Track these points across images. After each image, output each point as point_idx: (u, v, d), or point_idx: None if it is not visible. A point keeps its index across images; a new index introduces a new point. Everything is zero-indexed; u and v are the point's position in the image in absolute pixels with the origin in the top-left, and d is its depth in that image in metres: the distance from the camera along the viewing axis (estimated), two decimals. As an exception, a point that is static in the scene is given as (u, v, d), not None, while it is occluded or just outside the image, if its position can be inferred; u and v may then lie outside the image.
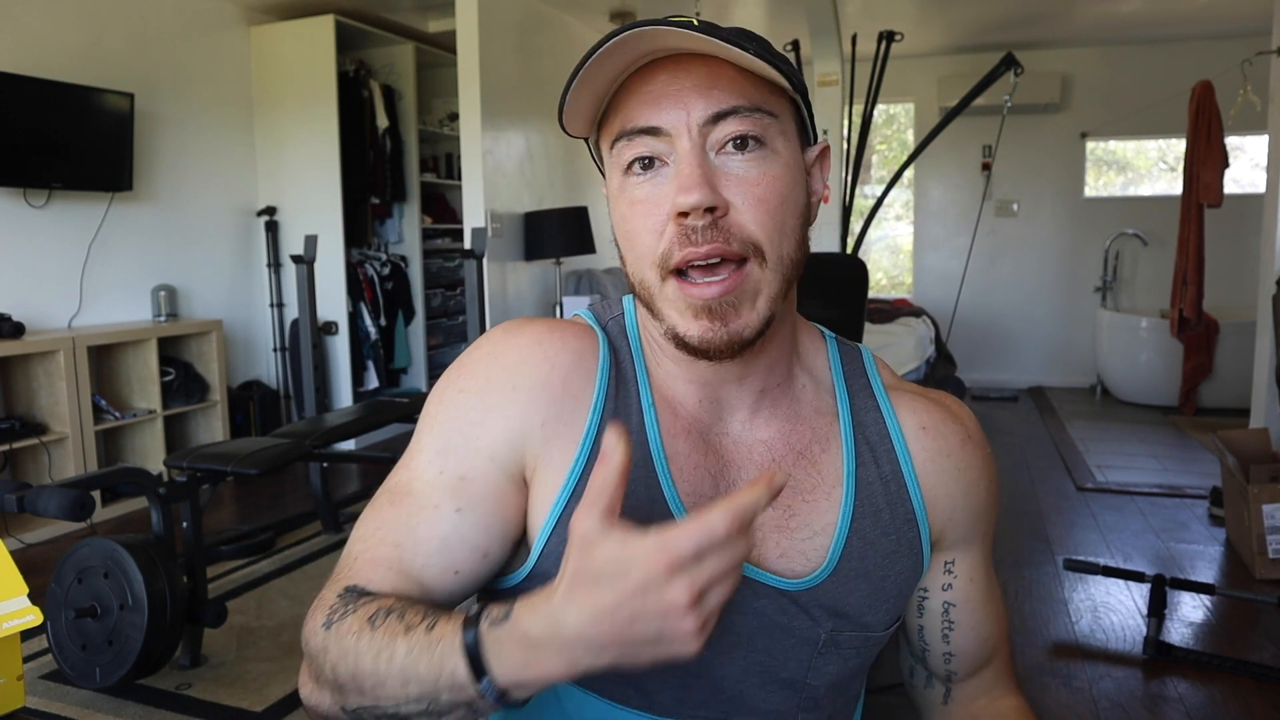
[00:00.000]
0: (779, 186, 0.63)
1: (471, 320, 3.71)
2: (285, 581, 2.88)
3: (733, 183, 0.62)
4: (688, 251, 0.61)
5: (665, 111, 0.62)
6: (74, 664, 2.09)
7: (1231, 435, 3.18)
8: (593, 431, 0.67)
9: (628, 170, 0.64)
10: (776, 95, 0.64)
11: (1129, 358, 5.63)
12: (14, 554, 2.38)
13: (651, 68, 0.63)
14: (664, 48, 0.62)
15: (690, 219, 0.61)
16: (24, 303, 3.57)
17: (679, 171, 0.61)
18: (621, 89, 0.64)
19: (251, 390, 4.52)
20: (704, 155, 0.62)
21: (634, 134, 0.63)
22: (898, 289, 6.91)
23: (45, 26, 3.62)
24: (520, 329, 0.71)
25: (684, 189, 0.60)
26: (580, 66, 0.61)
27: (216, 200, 4.48)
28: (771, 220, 0.63)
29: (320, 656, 0.61)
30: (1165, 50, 5.77)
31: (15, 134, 3.40)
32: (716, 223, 0.61)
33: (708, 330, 0.62)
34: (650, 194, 0.63)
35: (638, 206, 0.64)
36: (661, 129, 0.62)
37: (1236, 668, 2.23)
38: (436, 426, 0.69)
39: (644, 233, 0.64)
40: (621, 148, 0.64)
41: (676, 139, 0.62)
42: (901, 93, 6.27)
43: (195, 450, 2.44)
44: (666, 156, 0.63)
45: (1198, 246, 4.09)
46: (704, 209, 0.60)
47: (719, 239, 0.61)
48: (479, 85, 4.07)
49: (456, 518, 0.65)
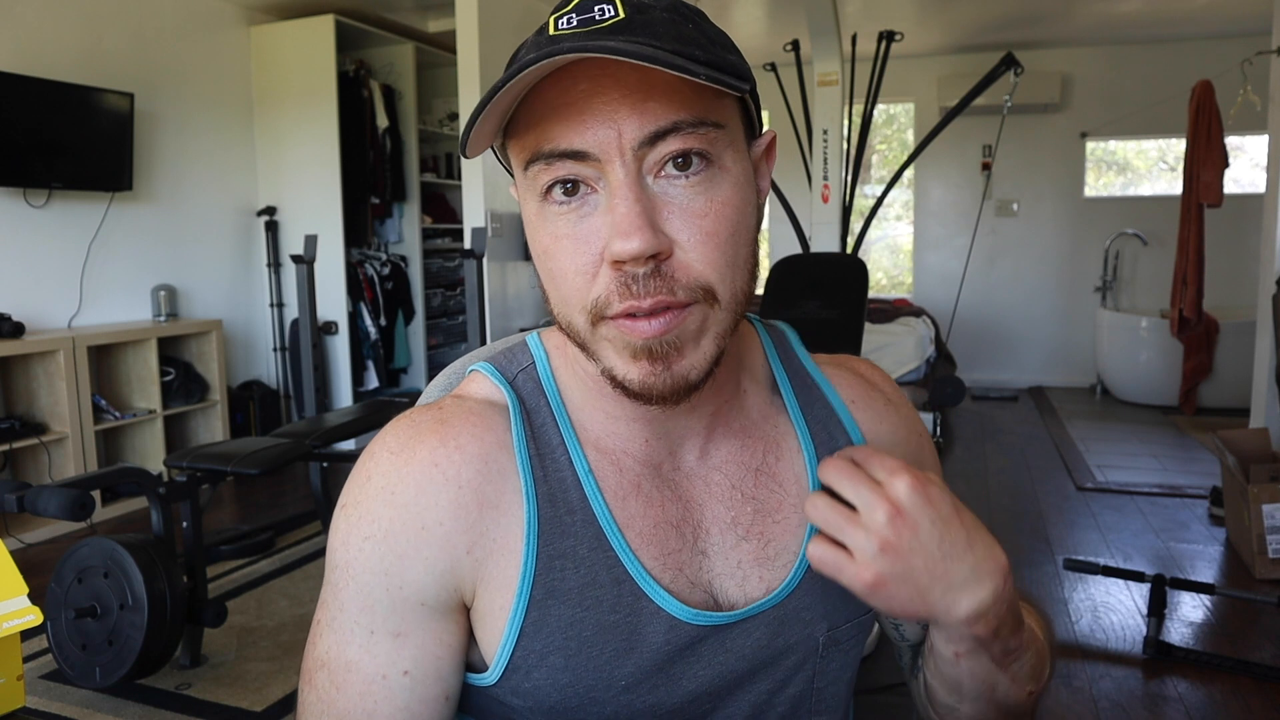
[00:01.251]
0: (729, 214, 0.54)
1: (471, 320, 3.71)
2: (285, 581, 2.88)
3: (676, 215, 0.53)
4: (629, 304, 0.52)
5: (591, 131, 0.51)
6: (74, 664, 2.09)
7: (1231, 435, 3.18)
8: (532, 520, 0.59)
9: (546, 195, 0.54)
10: (723, 96, 0.54)
11: (1129, 357, 5.63)
12: (14, 554, 2.38)
13: (570, 71, 0.52)
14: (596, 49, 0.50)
15: (629, 266, 0.52)
16: (24, 302, 3.57)
17: (613, 208, 0.52)
18: (533, 95, 0.53)
19: (251, 390, 4.52)
20: (641, 185, 0.52)
21: (553, 157, 0.52)
22: (898, 289, 6.91)
23: (45, 26, 3.63)
24: (409, 454, 0.59)
25: (621, 233, 0.51)
26: (491, 95, 0.51)
27: (216, 200, 4.48)
28: (723, 257, 0.54)
29: None
30: (1165, 50, 5.77)
31: (15, 134, 3.40)
32: (659, 268, 0.52)
33: (648, 374, 0.54)
34: (576, 229, 0.54)
35: (562, 242, 0.54)
36: (588, 153, 0.52)
37: (1236, 667, 2.23)
38: (351, 582, 0.59)
39: (571, 274, 0.54)
40: (538, 171, 0.53)
41: (607, 165, 0.52)
42: (901, 93, 6.27)
43: (195, 450, 2.44)
44: (595, 182, 0.53)
45: (1198, 246, 4.09)
46: (645, 257, 0.51)
47: (663, 289, 0.52)
48: (479, 85, 4.07)
49: (408, 681, 0.59)
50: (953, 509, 0.56)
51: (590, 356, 0.57)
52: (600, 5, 0.52)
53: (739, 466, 0.65)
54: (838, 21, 4.22)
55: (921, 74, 6.16)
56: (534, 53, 0.51)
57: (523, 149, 0.54)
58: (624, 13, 0.52)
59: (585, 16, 0.52)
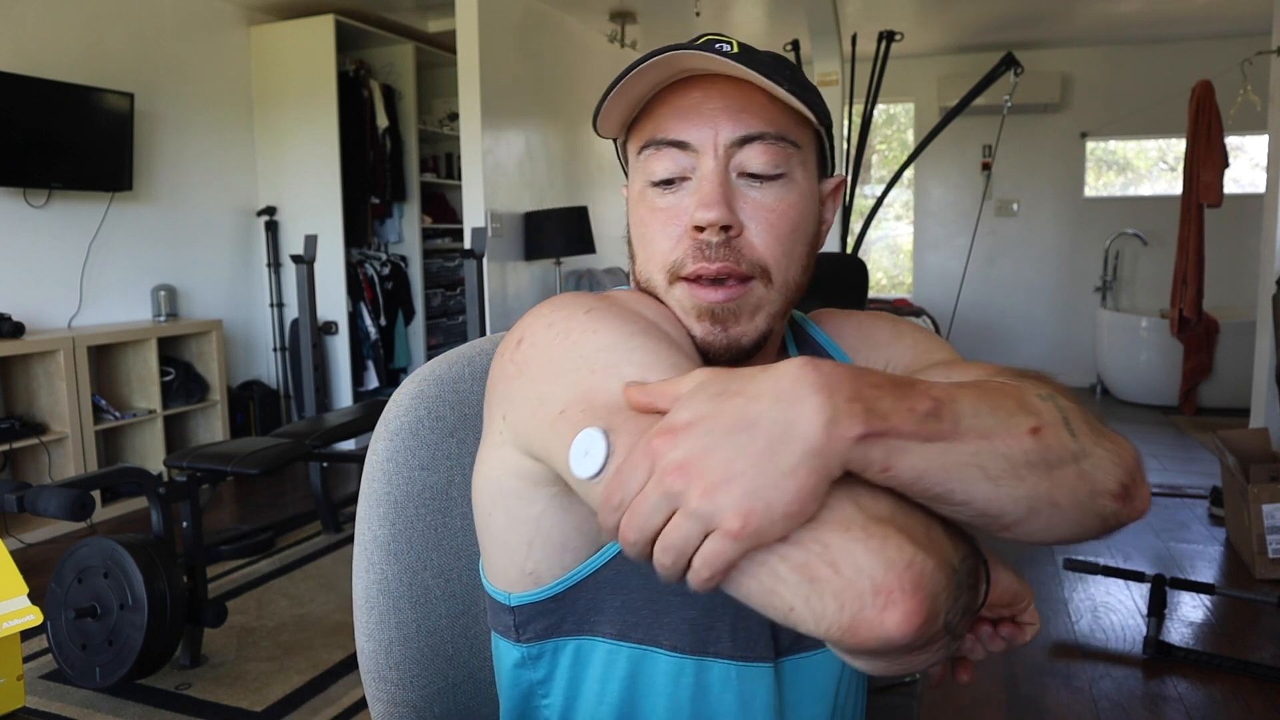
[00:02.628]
0: (792, 215, 0.66)
1: (471, 320, 3.71)
2: (285, 581, 2.88)
3: (749, 206, 0.65)
4: (700, 266, 0.64)
5: (695, 128, 0.65)
6: (74, 664, 2.09)
7: (1231, 435, 3.18)
8: None
9: (652, 179, 0.67)
10: (802, 125, 0.67)
11: (1129, 357, 5.63)
12: (14, 554, 2.38)
13: (687, 83, 0.66)
14: (700, 68, 0.65)
15: (705, 234, 0.64)
16: (24, 302, 3.57)
17: (700, 187, 0.64)
18: (656, 99, 0.67)
19: (251, 390, 4.52)
20: (726, 175, 0.65)
21: (662, 144, 0.66)
22: (898, 289, 6.91)
23: (45, 26, 3.62)
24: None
25: (704, 204, 0.63)
26: (620, 78, 0.64)
27: (216, 200, 4.48)
28: (780, 246, 0.66)
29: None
30: (1165, 50, 5.77)
31: (15, 134, 3.40)
32: (730, 241, 0.64)
33: (708, 333, 0.65)
34: (671, 204, 0.66)
35: (658, 214, 0.67)
36: (689, 144, 0.65)
37: (1236, 667, 2.23)
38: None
39: (660, 239, 0.67)
40: (649, 156, 0.67)
41: (702, 155, 0.65)
42: (901, 93, 6.27)
43: (195, 450, 2.44)
44: (690, 172, 0.66)
45: (1198, 246, 4.09)
46: (720, 226, 0.63)
47: (730, 258, 0.64)
48: (479, 85, 4.07)
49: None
50: (718, 377, 0.49)
51: None
52: (720, 44, 0.65)
53: None
54: (838, 21, 4.22)
55: (921, 74, 6.16)
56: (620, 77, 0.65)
57: (639, 138, 0.69)
58: (739, 49, 0.65)
59: (708, 45, 0.65)
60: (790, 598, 0.44)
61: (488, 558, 0.70)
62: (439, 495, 0.81)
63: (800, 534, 0.44)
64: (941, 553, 0.46)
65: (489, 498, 0.67)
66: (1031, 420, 0.50)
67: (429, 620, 0.80)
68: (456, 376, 0.82)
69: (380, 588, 0.78)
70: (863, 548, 0.44)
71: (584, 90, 5.15)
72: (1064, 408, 0.54)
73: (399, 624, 0.79)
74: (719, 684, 0.67)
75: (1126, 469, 0.54)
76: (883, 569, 0.43)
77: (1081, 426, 0.54)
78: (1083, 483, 0.51)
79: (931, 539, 0.46)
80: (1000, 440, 0.49)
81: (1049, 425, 0.51)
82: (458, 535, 0.82)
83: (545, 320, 0.62)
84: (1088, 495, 0.52)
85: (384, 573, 0.78)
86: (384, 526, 0.78)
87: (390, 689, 0.79)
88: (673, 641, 0.66)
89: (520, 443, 0.62)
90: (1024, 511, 0.50)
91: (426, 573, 0.80)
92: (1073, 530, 0.53)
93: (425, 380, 0.80)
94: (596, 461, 0.51)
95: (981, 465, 0.48)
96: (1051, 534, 0.52)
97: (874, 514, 0.45)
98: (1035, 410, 0.52)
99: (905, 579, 0.43)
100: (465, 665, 0.83)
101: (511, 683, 0.72)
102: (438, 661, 0.81)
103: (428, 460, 0.80)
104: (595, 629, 0.67)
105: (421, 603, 0.80)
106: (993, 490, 0.48)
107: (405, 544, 0.79)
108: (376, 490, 0.79)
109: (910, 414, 0.46)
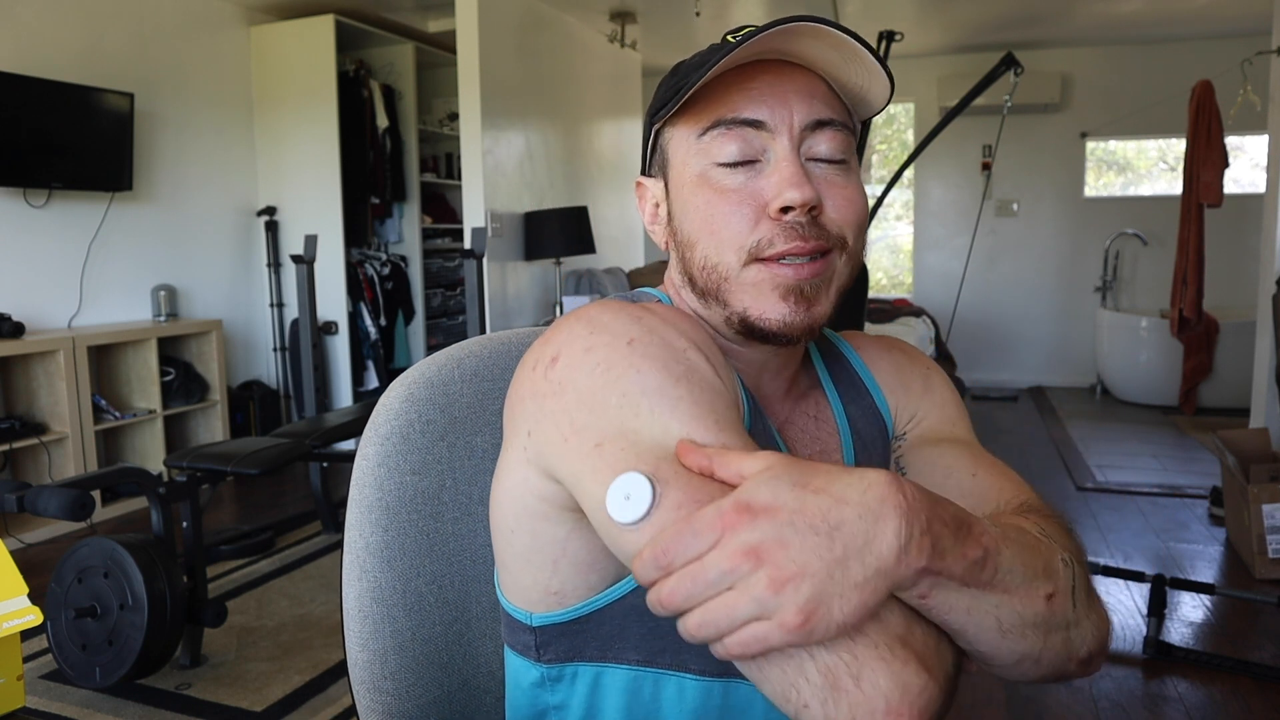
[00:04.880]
0: (857, 194, 0.68)
1: (471, 320, 3.71)
2: (285, 581, 2.88)
3: (822, 184, 0.65)
4: (794, 245, 0.64)
5: (769, 108, 0.64)
6: (74, 664, 2.09)
7: (1231, 435, 3.18)
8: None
9: (719, 160, 0.66)
10: (850, 119, 0.69)
11: (1129, 357, 5.63)
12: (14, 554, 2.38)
13: (753, 67, 0.65)
14: (785, 51, 0.64)
15: (793, 215, 0.64)
16: (24, 303, 3.57)
17: (780, 169, 0.64)
18: (717, 82, 0.65)
19: (251, 390, 4.52)
20: (800, 155, 0.65)
21: (734, 124, 0.65)
22: (898, 289, 6.90)
23: (45, 26, 3.63)
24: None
25: (792, 185, 0.63)
26: (724, 52, 0.60)
27: (216, 200, 4.48)
28: (855, 217, 0.67)
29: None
30: (1165, 50, 5.77)
31: (15, 134, 3.40)
32: (815, 220, 0.65)
33: (791, 313, 0.65)
34: (743, 185, 0.65)
35: (729, 195, 0.65)
36: (764, 123, 0.64)
37: (1236, 668, 2.23)
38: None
39: (734, 219, 0.65)
40: (716, 136, 0.65)
41: (776, 135, 0.64)
42: (901, 93, 6.26)
43: (195, 450, 2.44)
44: (761, 154, 0.65)
45: (1198, 246, 4.09)
46: (809, 207, 0.64)
47: (821, 235, 0.65)
48: (479, 85, 4.07)
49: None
50: (795, 465, 0.49)
51: (722, 302, 0.67)
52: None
53: (804, 416, 0.75)
54: (838, 21, 4.21)
55: (921, 74, 6.16)
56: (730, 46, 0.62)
57: (699, 120, 0.66)
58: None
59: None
60: (808, 696, 0.47)
61: (508, 575, 0.69)
62: (430, 500, 0.80)
63: (836, 641, 0.47)
64: (944, 668, 0.51)
65: (512, 516, 0.65)
66: (1050, 586, 0.55)
67: (423, 628, 0.80)
68: (446, 379, 0.81)
69: (373, 595, 0.78)
70: (885, 668, 0.47)
71: (584, 90, 5.15)
72: (1076, 576, 0.59)
73: (394, 632, 0.78)
74: (744, 703, 0.67)
75: (1099, 640, 0.61)
76: (899, 693, 0.47)
77: (1083, 597, 0.59)
78: (1065, 648, 0.58)
79: (939, 657, 0.51)
80: (1020, 599, 0.53)
81: (1061, 593, 0.56)
82: (449, 541, 0.81)
83: (584, 344, 0.60)
84: (1064, 659, 0.58)
85: (377, 580, 0.78)
86: (376, 533, 0.78)
87: (385, 699, 0.78)
88: (700, 665, 0.66)
89: (543, 464, 0.60)
90: (1011, 662, 0.56)
91: (420, 579, 0.79)
92: (1033, 678, 0.59)
93: (415, 383, 0.79)
94: (640, 508, 0.51)
95: (999, 617, 0.53)
96: (1015, 676, 0.59)
97: (898, 633, 0.49)
98: (1056, 575, 0.56)
99: (916, 705, 0.47)
100: (460, 673, 0.82)
101: (528, 702, 0.71)
102: (432, 670, 0.80)
103: (419, 465, 0.79)
104: (619, 655, 0.66)
105: (415, 610, 0.79)
106: (998, 641, 0.54)
107: (398, 550, 0.78)
108: (367, 496, 0.78)
109: (963, 559, 0.50)
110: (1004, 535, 0.54)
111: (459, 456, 0.81)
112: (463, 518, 0.82)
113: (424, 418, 0.79)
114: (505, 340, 0.85)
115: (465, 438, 0.81)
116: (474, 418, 0.82)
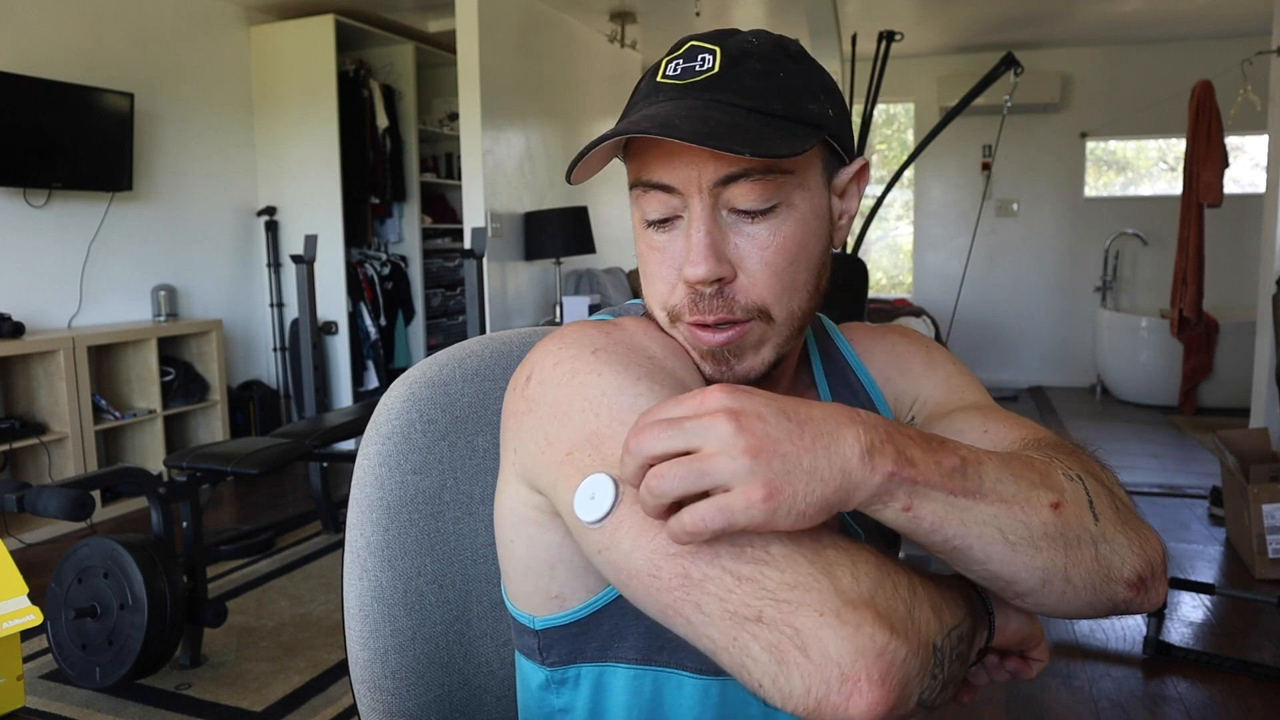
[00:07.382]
0: (790, 247, 0.63)
1: (471, 320, 3.71)
2: (285, 581, 2.88)
3: (743, 243, 0.62)
4: (696, 317, 0.63)
5: (677, 170, 0.62)
6: (74, 664, 2.09)
7: (1231, 435, 3.18)
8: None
9: (646, 218, 0.65)
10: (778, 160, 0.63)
11: (1129, 357, 5.63)
12: (14, 554, 2.38)
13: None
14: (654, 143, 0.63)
15: (700, 286, 0.62)
16: (24, 303, 3.57)
17: (688, 237, 0.62)
18: (639, 140, 0.64)
19: (251, 390, 4.52)
20: (714, 218, 0.62)
21: (649, 186, 0.63)
22: (898, 289, 6.90)
23: (45, 26, 3.63)
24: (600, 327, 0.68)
25: (691, 261, 0.61)
26: (597, 143, 0.61)
27: (216, 200, 4.48)
28: (779, 283, 0.63)
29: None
30: (1165, 50, 5.77)
31: (15, 134, 3.40)
32: (723, 291, 0.62)
33: (717, 372, 0.65)
34: (666, 244, 0.65)
35: (655, 254, 0.65)
36: (674, 187, 0.62)
37: (1236, 668, 2.23)
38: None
39: (658, 280, 0.65)
40: (638, 195, 0.65)
41: (689, 198, 0.62)
42: (901, 93, 6.27)
43: (195, 450, 2.44)
44: (681, 211, 0.63)
45: (1198, 246, 4.09)
46: (710, 281, 0.61)
47: (723, 309, 0.62)
48: (479, 85, 4.07)
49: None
50: (771, 395, 0.49)
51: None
52: (703, 55, 0.63)
53: None
54: (838, 21, 4.22)
55: (921, 74, 6.16)
56: (642, 102, 0.63)
57: (632, 173, 0.66)
58: (720, 65, 0.62)
59: (687, 66, 0.63)
60: (759, 675, 0.46)
61: (511, 582, 0.70)
62: (432, 499, 0.80)
63: (775, 616, 0.45)
64: (921, 634, 0.47)
65: (509, 526, 0.67)
66: (1054, 495, 0.52)
67: (424, 627, 0.80)
68: (448, 379, 0.81)
69: (374, 594, 0.78)
70: (834, 634, 0.44)
71: (584, 90, 5.15)
72: (1092, 490, 0.55)
73: (394, 631, 0.78)
74: (741, 701, 0.67)
75: (1147, 561, 0.56)
76: (852, 657, 0.44)
77: (1107, 511, 0.55)
78: (1099, 565, 0.53)
79: (912, 621, 0.47)
80: (1020, 508, 0.51)
81: (1070, 503, 0.53)
82: (450, 540, 0.81)
83: (553, 358, 0.62)
84: (1102, 579, 0.53)
85: (378, 579, 0.78)
86: (377, 532, 0.78)
87: (386, 698, 0.79)
88: (697, 663, 0.66)
89: (528, 478, 0.63)
90: (1037, 582, 0.52)
91: (421, 579, 0.79)
92: (1084, 609, 0.55)
93: (416, 383, 0.80)
94: (603, 507, 0.52)
95: (1000, 528, 0.50)
96: (1063, 608, 0.54)
97: (852, 597, 0.46)
98: (1059, 487, 0.53)
99: (874, 668, 0.44)
100: (460, 672, 0.83)
101: (536, 704, 0.72)
102: (433, 669, 0.81)
103: (420, 464, 0.79)
104: (618, 655, 0.67)
105: (416, 609, 0.79)
106: (1009, 554, 0.50)
107: (400, 550, 0.78)
108: (369, 495, 0.78)
109: (937, 466, 0.49)
110: (985, 451, 0.52)
111: (460, 456, 0.81)
112: (464, 517, 0.82)
113: (425, 417, 0.79)
114: (506, 340, 0.86)
115: (466, 437, 0.81)
116: (475, 417, 0.82)
